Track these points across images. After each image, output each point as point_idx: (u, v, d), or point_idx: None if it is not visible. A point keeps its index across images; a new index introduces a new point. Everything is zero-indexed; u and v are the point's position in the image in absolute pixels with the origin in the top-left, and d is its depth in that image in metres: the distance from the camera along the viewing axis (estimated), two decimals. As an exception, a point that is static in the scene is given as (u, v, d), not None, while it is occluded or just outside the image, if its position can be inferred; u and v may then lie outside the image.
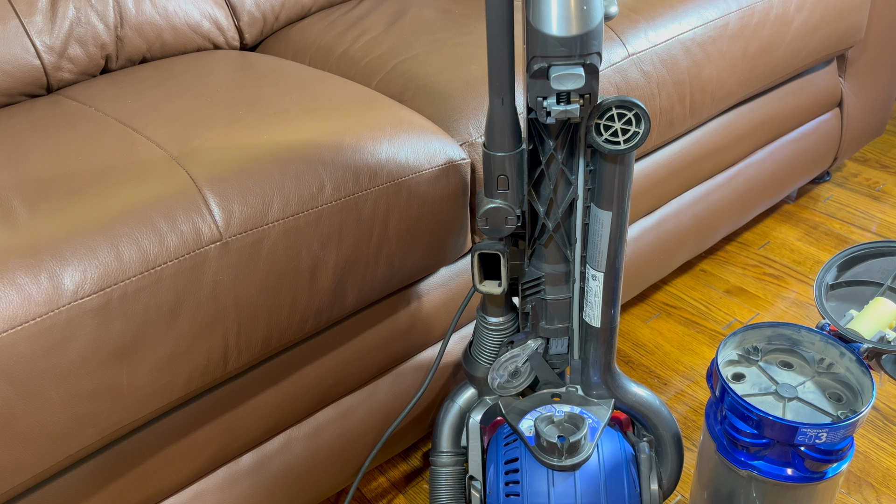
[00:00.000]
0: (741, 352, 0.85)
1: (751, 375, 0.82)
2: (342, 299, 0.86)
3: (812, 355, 0.83)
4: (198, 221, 0.73)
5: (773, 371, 0.82)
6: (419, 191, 0.87)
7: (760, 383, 0.81)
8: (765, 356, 0.84)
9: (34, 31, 1.08)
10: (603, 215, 0.73)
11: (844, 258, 0.91)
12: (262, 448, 0.93)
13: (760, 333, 0.85)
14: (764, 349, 0.84)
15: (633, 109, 0.66)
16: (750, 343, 0.85)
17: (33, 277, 0.66)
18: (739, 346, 0.85)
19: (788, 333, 0.84)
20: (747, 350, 0.84)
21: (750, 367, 0.83)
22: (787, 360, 0.83)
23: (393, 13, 1.24)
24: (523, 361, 0.84)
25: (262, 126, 0.85)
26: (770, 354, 0.84)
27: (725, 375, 0.82)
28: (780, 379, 0.81)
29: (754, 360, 0.83)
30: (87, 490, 0.78)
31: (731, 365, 0.84)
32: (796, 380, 0.81)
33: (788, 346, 0.84)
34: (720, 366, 0.82)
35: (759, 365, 0.83)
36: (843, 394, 0.79)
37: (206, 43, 1.25)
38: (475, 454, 0.89)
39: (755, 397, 0.79)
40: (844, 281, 0.91)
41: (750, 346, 0.85)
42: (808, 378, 0.81)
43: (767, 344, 0.84)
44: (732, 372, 0.83)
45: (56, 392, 0.67)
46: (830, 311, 0.88)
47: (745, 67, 1.22)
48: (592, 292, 0.79)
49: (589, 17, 0.59)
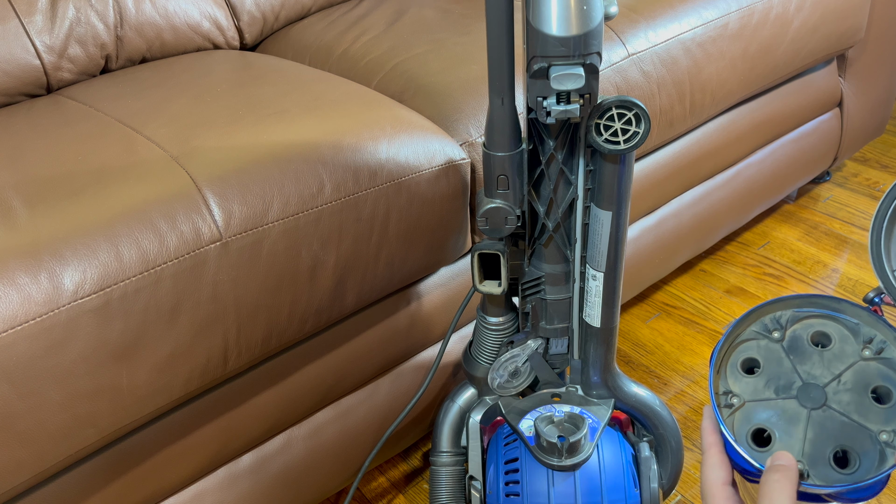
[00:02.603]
0: (757, 327, 0.60)
1: (768, 364, 0.59)
2: (342, 299, 0.86)
3: (858, 326, 0.58)
4: (198, 221, 0.73)
5: (802, 353, 0.58)
6: (419, 191, 0.87)
7: (779, 377, 0.58)
8: (793, 325, 0.59)
9: (34, 31, 1.08)
10: (603, 215, 0.73)
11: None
12: (262, 448, 0.93)
13: (784, 304, 0.60)
14: (792, 318, 0.60)
15: (633, 109, 0.66)
16: (770, 313, 0.61)
17: (33, 277, 0.66)
18: (757, 319, 0.61)
19: (825, 304, 0.59)
20: (766, 325, 0.60)
21: (769, 350, 0.59)
22: (824, 332, 0.58)
23: (393, 13, 1.24)
24: (523, 361, 0.84)
25: (261, 126, 0.85)
26: (801, 322, 0.59)
27: (732, 370, 0.60)
28: (809, 369, 0.57)
29: (776, 340, 0.59)
30: (87, 490, 0.78)
31: (742, 346, 0.60)
32: (830, 370, 0.57)
33: (828, 312, 0.60)
34: (713, 384, 0.60)
35: (782, 346, 0.59)
36: (892, 389, 0.56)
37: (206, 43, 1.25)
38: (475, 454, 0.89)
39: (768, 404, 0.58)
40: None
41: (770, 317, 0.60)
42: (849, 365, 0.57)
43: (796, 311, 0.60)
44: (744, 357, 0.59)
45: (56, 392, 0.67)
46: (891, 259, 0.60)
47: (745, 67, 1.22)
48: (592, 292, 0.79)
49: (589, 17, 0.59)
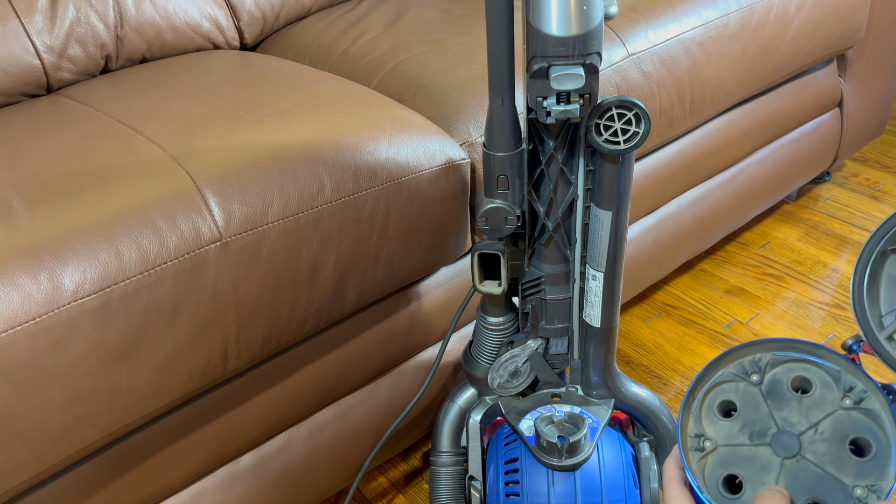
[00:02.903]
0: (735, 369, 0.57)
1: (745, 408, 0.56)
2: (342, 299, 0.86)
3: (839, 374, 0.55)
4: (198, 221, 0.73)
5: (780, 398, 0.55)
6: (419, 191, 0.87)
7: (755, 423, 0.55)
8: (773, 369, 0.57)
9: (34, 31, 1.08)
10: (603, 215, 0.73)
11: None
12: (262, 448, 0.93)
13: (763, 347, 0.58)
14: (772, 361, 0.57)
15: (633, 109, 0.66)
16: (749, 355, 0.58)
17: (33, 277, 0.66)
18: (734, 360, 0.58)
19: (804, 349, 0.57)
20: (744, 367, 0.57)
21: (747, 393, 0.57)
22: (805, 378, 0.56)
23: (393, 13, 1.24)
24: (523, 361, 0.84)
25: (261, 126, 0.85)
26: (782, 366, 0.57)
27: (708, 412, 0.57)
28: (786, 416, 0.55)
29: (755, 383, 0.57)
30: (87, 490, 0.78)
31: (720, 388, 0.57)
32: (808, 418, 0.54)
33: (809, 356, 0.57)
34: (681, 425, 0.57)
35: (760, 390, 0.56)
36: (872, 442, 0.53)
37: (206, 43, 1.25)
38: (475, 454, 0.89)
39: (741, 450, 0.55)
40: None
41: (750, 359, 0.58)
42: (827, 414, 0.54)
43: (776, 355, 0.57)
44: (721, 399, 0.57)
45: (56, 392, 0.67)
46: (874, 304, 0.55)
47: (745, 67, 1.22)
48: (592, 292, 0.79)
49: (589, 17, 0.59)
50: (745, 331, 1.39)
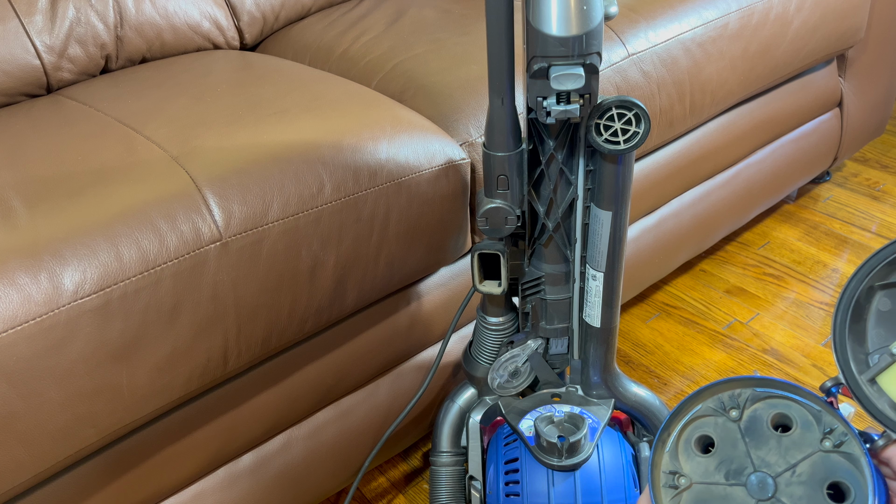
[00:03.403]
0: (714, 404, 0.55)
1: (722, 445, 0.53)
2: (342, 299, 0.86)
3: (820, 414, 0.52)
4: (198, 221, 0.73)
5: (759, 437, 0.53)
6: (419, 191, 0.87)
7: (732, 461, 0.52)
8: (754, 405, 0.54)
9: (34, 31, 1.08)
10: (603, 215, 0.73)
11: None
12: (262, 448, 0.93)
13: (741, 384, 0.55)
14: (752, 397, 0.54)
15: (633, 109, 0.66)
16: (728, 390, 0.55)
17: (33, 277, 0.66)
18: (712, 395, 0.55)
19: (781, 391, 0.53)
20: (723, 402, 0.55)
21: (726, 429, 0.54)
22: (784, 416, 0.53)
23: (393, 13, 1.24)
24: (523, 361, 0.84)
25: (261, 126, 0.85)
26: (763, 402, 0.54)
27: (685, 447, 0.54)
28: (763, 455, 0.52)
29: (734, 419, 0.54)
30: (87, 490, 0.78)
31: (698, 422, 0.55)
32: (786, 459, 0.51)
33: (788, 393, 0.54)
34: (652, 463, 0.55)
35: (739, 426, 0.53)
36: (851, 487, 0.50)
37: (206, 43, 1.25)
38: (475, 454, 0.89)
39: (716, 489, 0.53)
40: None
41: (729, 394, 0.55)
42: (806, 456, 0.51)
43: (755, 391, 0.54)
44: (699, 434, 0.54)
45: (56, 392, 0.67)
46: (858, 343, 0.53)
47: (745, 67, 1.22)
48: (592, 292, 0.79)
49: (589, 17, 0.59)
50: (745, 331, 1.39)
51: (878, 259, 0.51)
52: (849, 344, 0.52)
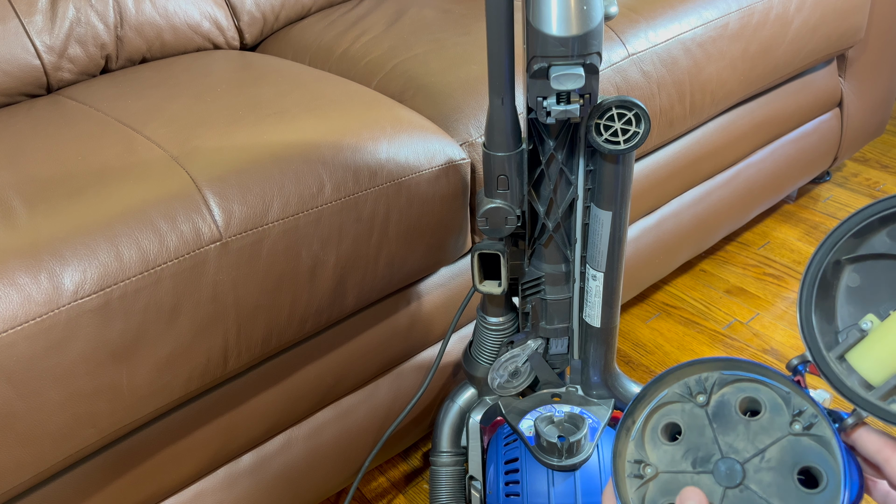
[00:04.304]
0: (680, 389, 0.53)
1: (689, 432, 0.51)
2: (342, 299, 0.86)
3: (789, 396, 0.50)
4: (198, 221, 0.73)
5: (727, 422, 0.51)
6: (419, 191, 0.87)
7: (699, 448, 0.51)
8: (721, 389, 0.52)
9: (34, 31, 1.08)
10: (603, 215, 0.73)
11: (873, 216, 0.48)
12: (262, 448, 0.93)
13: (707, 366, 0.53)
14: (719, 381, 0.52)
15: (633, 109, 0.66)
16: (694, 374, 0.53)
17: (33, 277, 0.66)
18: (677, 380, 0.54)
19: (749, 370, 0.52)
20: (689, 387, 0.53)
21: (693, 416, 0.52)
22: (753, 399, 0.51)
23: (393, 13, 1.24)
24: (523, 361, 0.84)
25: (261, 126, 0.85)
26: (730, 386, 0.52)
27: (651, 435, 0.53)
28: (731, 441, 0.50)
29: (701, 405, 0.52)
30: (87, 490, 0.78)
31: (665, 409, 0.53)
32: (754, 444, 0.49)
33: (756, 375, 0.52)
34: (616, 450, 0.53)
35: (706, 412, 0.52)
36: (822, 472, 0.47)
37: (206, 43, 1.25)
38: (475, 454, 0.89)
39: (683, 477, 0.51)
40: (871, 254, 0.49)
41: (695, 378, 0.53)
42: (775, 440, 0.49)
43: (723, 374, 0.53)
44: (666, 422, 0.53)
45: (56, 392, 0.67)
46: (826, 321, 0.50)
47: (746, 67, 1.22)
48: (592, 292, 0.79)
49: (589, 17, 0.59)
50: (745, 331, 1.39)
51: (842, 231, 0.48)
52: (816, 321, 0.50)
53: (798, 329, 0.50)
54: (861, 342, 0.48)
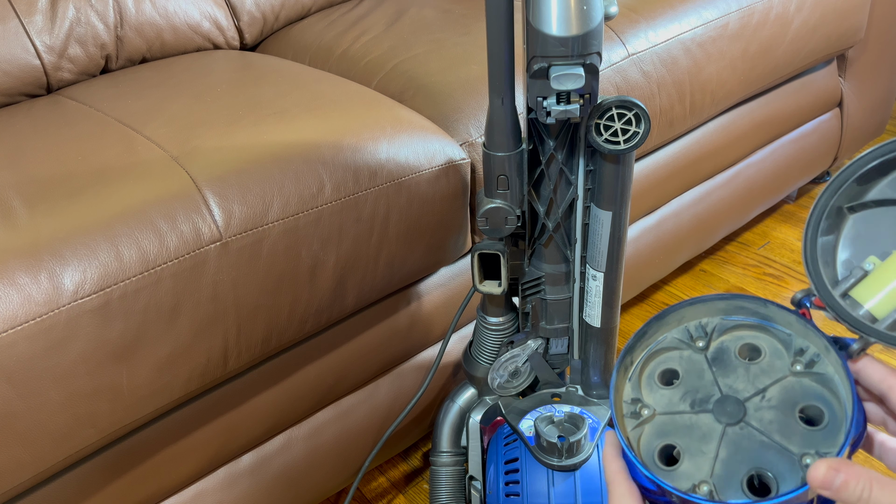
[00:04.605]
0: (680, 335, 0.53)
1: (688, 376, 0.51)
2: (342, 299, 0.86)
3: (790, 338, 0.50)
4: (198, 221, 0.73)
5: (726, 366, 0.51)
6: (419, 191, 0.87)
7: (698, 390, 0.50)
8: (721, 336, 0.52)
9: (34, 31, 1.08)
10: (603, 215, 0.73)
11: (877, 160, 0.48)
12: (262, 448, 0.93)
13: (709, 308, 0.53)
14: (720, 327, 0.52)
15: (633, 109, 0.66)
16: (695, 319, 0.53)
17: (33, 277, 0.66)
18: (678, 325, 0.53)
19: (753, 308, 0.51)
20: (689, 332, 0.52)
21: (691, 361, 0.52)
22: (754, 345, 0.51)
23: (393, 13, 1.24)
24: (523, 361, 0.84)
25: (261, 126, 0.85)
26: (730, 333, 0.52)
27: (648, 381, 0.52)
28: (731, 382, 0.50)
29: (700, 349, 0.52)
30: (87, 490, 0.78)
31: (663, 356, 0.53)
32: (755, 385, 0.49)
33: (758, 320, 0.52)
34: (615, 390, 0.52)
35: (706, 356, 0.51)
36: (824, 410, 0.47)
37: (206, 43, 1.25)
38: (475, 454, 0.89)
39: (681, 418, 0.50)
40: (872, 200, 0.50)
41: (696, 323, 0.53)
42: (775, 380, 0.49)
43: (724, 319, 0.52)
44: (663, 369, 0.52)
45: (56, 392, 0.67)
46: (829, 259, 0.51)
47: (745, 67, 1.22)
48: (592, 292, 0.79)
49: (589, 17, 0.59)
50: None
51: (846, 174, 0.49)
52: (820, 261, 0.50)
53: (804, 266, 0.49)
54: (864, 279, 0.48)
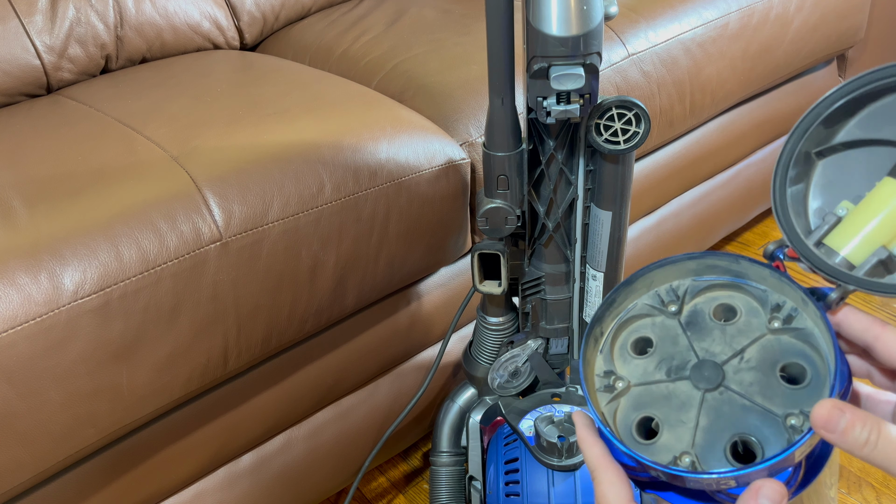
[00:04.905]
0: (650, 300, 0.49)
1: (662, 343, 0.48)
2: (342, 299, 0.86)
3: (766, 294, 0.47)
4: (198, 221, 0.73)
5: (701, 329, 0.48)
6: (419, 191, 0.87)
7: (673, 357, 0.47)
8: (694, 298, 0.49)
9: (34, 31, 1.08)
10: (603, 215, 0.73)
11: (847, 96, 0.45)
12: (262, 448, 0.93)
13: (679, 269, 0.49)
14: (692, 288, 0.49)
15: (633, 109, 0.66)
16: (666, 282, 0.50)
17: (33, 277, 0.66)
18: (648, 290, 0.50)
19: (724, 265, 0.48)
20: (660, 297, 0.49)
21: (664, 327, 0.48)
22: (728, 305, 0.48)
23: (393, 13, 1.24)
24: (523, 361, 0.84)
25: (261, 126, 0.85)
26: (703, 294, 0.49)
27: (621, 352, 0.49)
28: (707, 346, 0.47)
29: (673, 314, 0.48)
30: (87, 490, 0.78)
31: (634, 325, 0.49)
32: (732, 346, 0.46)
33: (731, 279, 0.48)
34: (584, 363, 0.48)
35: (679, 321, 0.48)
36: (806, 367, 0.44)
37: (206, 43, 1.25)
38: (475, 454, 0.89)
39: (657, 388, 0.47)
40: (841, 143, 0.47)
41: (666, 287, 0.49)
42: (753, 340, 0.46)
43: (695, 280, 0.49)
44: (636, 338, 0.49)
45: (56, 392, 0.67)
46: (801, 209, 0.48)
47: (745, 67, 1.22)
48: (592, 292, 0.79)
49: (589, 17, 0.59)
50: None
51: (811, 118, 0.46)
52: (791, 211, 0.47)
53: (775, 217, 0.47)
54: (838, 226, 0.46)
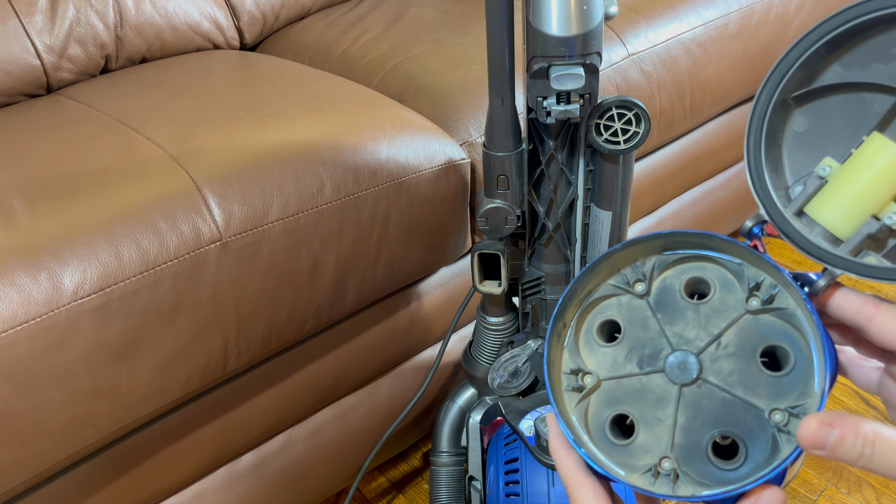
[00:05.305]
0: (615, 281, 0.44)
1: (631, 328, 0.43)
2: (342, 299, 0.86)
3: (742, 268, 0.42)
4: (198, 221, 0.73)
5: (673, 310, 0.42)
6: (419, 191, 0.87)
7: (644, 345, 0.43)
8: (662, 273, 0.43)
9: (34, 31, 1.08)
10: (603, 215, 0.73)
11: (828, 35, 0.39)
12: (262, 448, 0.93)
13: (646, 248, 0.43)
14: (659, 263, 0.43)
15: (633, 109, 0.66)
16: (629, 262, 0.44)
17: (33, 277, 0.66)
18: (612, 271, 0.44)
19: (695, 241, 0.42)
20: (625, 276, 0.44)
21: (632, 309, 0.43)
22: (701, 279, 0.43)
23: (393, 13, 1.24)
24: (523, 361, 0.84)
25: (261, 126, 0.85)
26: (672, 268, 0.43)
27: (586, 339, 0.44)
28: (680, 331, 0.42)
29: (640, 294, 0.43)
30: (87, 490, 0.78)
31: (599, 307, 0.44)
32: (708, 330, 0.41)
33: (702, 251, 0.43)
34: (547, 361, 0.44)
35: (648, 302, 0.43)
36: (790, 350, 0.40)
37: (206, 43, 1.25)
38: (475, 454, 0.89)
39: (630, 382, 0.42)
40: (824, 87, 0.41)
41: (633, 265, 0.44)
42: (731, 322, 0.41)
43: (663, 255, 0.43)
44: (601, 321, 0.44)
45: (56, 392, 0.67)
46: (776, 174, 0.42)
47: (746, 67, 1.22)
48: (592, 292, 0.79)
49: (589, 17, 0.59)
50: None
51: (788, 61, 0.40)
52: (768, 175, 0.41)
53: (750, 185, 0.42)
54: (821, 191, 0.40)
